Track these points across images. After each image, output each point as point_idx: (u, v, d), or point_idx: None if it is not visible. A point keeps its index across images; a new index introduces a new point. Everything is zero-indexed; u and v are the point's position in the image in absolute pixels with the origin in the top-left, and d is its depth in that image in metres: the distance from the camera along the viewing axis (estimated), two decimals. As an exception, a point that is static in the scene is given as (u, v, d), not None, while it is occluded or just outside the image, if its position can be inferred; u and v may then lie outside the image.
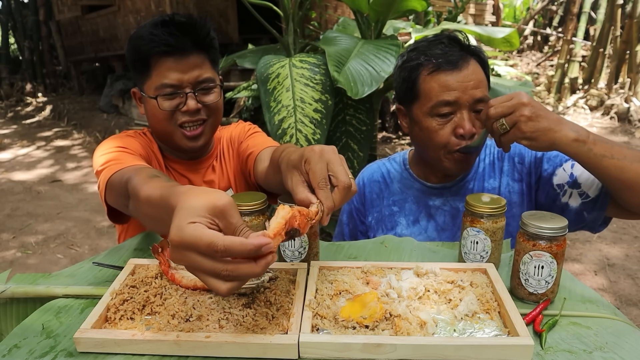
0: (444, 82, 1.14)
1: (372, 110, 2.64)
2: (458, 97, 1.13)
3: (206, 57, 1.21)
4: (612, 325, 0.77)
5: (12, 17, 10.43)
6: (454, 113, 1.15)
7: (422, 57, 1.18)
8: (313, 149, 0.77)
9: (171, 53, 1.15)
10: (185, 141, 1.22)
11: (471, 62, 1.16)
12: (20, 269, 3.22)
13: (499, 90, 2.66)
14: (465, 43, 1.19)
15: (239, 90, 3.41)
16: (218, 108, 1.25)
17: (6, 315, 0.91)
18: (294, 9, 2.70)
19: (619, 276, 2.89)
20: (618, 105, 6.35)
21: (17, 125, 8.18)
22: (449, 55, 1.15)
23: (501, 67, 6.29)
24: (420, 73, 1.18)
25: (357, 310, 0.73)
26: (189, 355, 0.69)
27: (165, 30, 1.14)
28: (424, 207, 1.31)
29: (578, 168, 1.13)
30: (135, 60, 1.18)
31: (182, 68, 1.16)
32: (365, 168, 1.46)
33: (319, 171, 0.74)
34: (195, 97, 1.19)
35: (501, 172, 1.27)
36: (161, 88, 1.16)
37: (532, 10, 10.87)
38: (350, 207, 1.44)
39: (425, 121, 1.18)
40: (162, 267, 0.84)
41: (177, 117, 1.19)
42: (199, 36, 1.18)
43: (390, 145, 5.32)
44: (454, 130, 1.15)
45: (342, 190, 0.74)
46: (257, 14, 2.62)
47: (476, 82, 1.14)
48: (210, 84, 1.21)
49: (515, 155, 1.26)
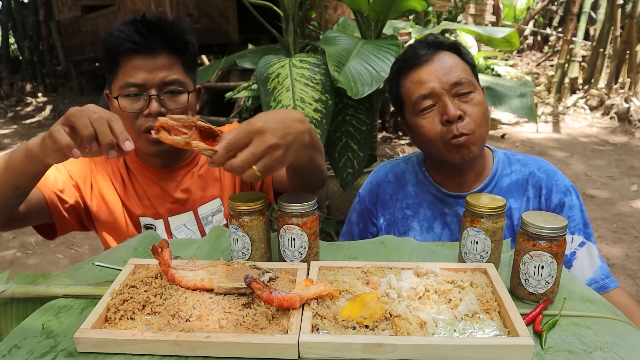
0: (417, 79, 1.16)
1: (372, 110, 2.64)
2: (432, 87, 1.14)
3: (178, 59, 1.16)
4: (612, 325, 0.77)
5: (12, 17, 10.43)
6: (437, 104, 1.15)
7: (395, 66, 1.23)
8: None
9: (138, 52, 1.11)
10: (149, 145, 1.16)
11: (441, 53, 1.17)
12: (20, 269, 3.22)
13: (499, 90, 2.66)
14: (434, 39, 1.20)
15: (239, 90, 3.41)
16: (185, 114, 1.15)
17: (6, 315, 0.91)
18: (294, 9, 2.70)
19: (619, 276, 2.88)
20: (618, 105, 6.35)
21: (17, 125, 8.18)
22: (417, 52, 1.18)
23: (501, 67, 6.29)
24: (399, 80, 1.21)
25: (357, 310, 0.73)
26: (189, 355, 0.69)
27: (133, 28, 1.11)
28: (439, 214, 1.28)
29: (583, 251, 1.15)
30: (105, 58, 1.15)
31: (148, 67, 1.11)
32: (379, 167, 1.43)
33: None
34: (159, 101, 1.13)
35: (525, 195, 1.23)
36: (125, 87, 1.12)
37: (532, 10, 10.87)
38: (361, 207, 1.40)
39: (416, 122, 1.19)
40: (162, 267, 0.84)
41: (141, 121, 1.14)
42: (168, 36, 1.14)
43: (390, 145, 5.32)
44: (440, 119, 1.15)
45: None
46: (257, 14, 2.62)
47: (448, 68, 1.15)
48: (179, 88, 1.15)
49: (543, 188, 1.22)
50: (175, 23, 1.17)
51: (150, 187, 1.28)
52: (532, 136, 6.07)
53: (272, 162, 0.77)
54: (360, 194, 1.42)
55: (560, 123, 6.60)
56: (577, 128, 6.32)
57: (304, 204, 0.89)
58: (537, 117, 6.40)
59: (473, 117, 1.14)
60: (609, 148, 5.49)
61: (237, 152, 0.75)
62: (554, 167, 1.27)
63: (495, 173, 1.25)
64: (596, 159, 5.10)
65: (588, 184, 4.43)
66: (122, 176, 1.27)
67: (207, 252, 1.04)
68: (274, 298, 0.72)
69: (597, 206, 3.91)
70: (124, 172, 1.28)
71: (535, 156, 1.30)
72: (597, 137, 5.89)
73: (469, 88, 1.15)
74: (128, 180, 1.28)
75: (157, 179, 1.28)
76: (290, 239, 0.91)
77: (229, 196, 1.00)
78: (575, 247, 1.17)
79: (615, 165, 4.91)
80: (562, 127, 6.43)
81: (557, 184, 1.22)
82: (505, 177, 1.25)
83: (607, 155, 5.21)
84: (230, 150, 0.75)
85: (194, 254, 0.99)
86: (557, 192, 1.21)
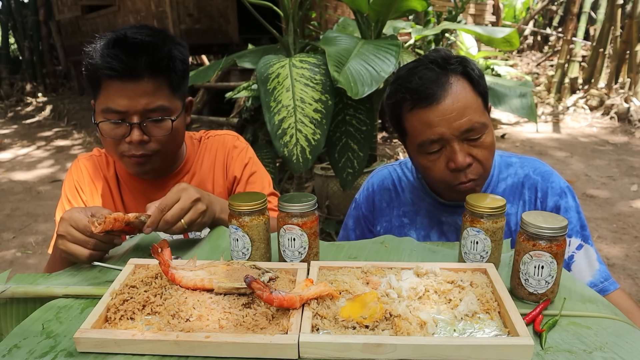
0: (425, 120, 1.07)
1: (372, 110, 2.64)
2: (442, 132, 1.06)
3: (164, 81, 1.09)
4: (612, 325, 0.77)
5: (12, 17, 10.42)
6: (444, 147, 1.08)
7: (399, 93, 1.11)
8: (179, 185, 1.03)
9: (118, 77, 1.04)
10: (132, 167, 1.15)
11: (452, 87, 1.06)
12: (20, 269, 3.22)
13: (499, 90, 2.67)
14: (443, 60, 1.09)
15: (239, 90, 3.41)
16: (172, 139, 1.15)
17: (6, 315, 0.91)
18: (294, 9, 2.70)
19: (619, 276, 2.88)
20: (618, 105, 6.35)
21: (17, 125, 8.18)
22: (425, 87, 1.06)
23: (501, 67, 6.30)
24: (403, 110, 1.12)
25: (357, 310, 0.73)
26: (189, 355, 0.69)
27: (113, 52, 1.03)
28: (436, 222, 1.26)
29: (580, 255, 1.13)
30: (87, 77, 1.10)
31: (130, 94, 1.05)
32: (375, 172, 1.39)
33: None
34: (141, 128, 1.08)
35: (520, 199, 1.20)
36: (107, 112, 1.07)
37: (532, 10, 10.87)
38: (357, 214, 1.38)
39: (418, 158, 1.14)
40: (162, 267, 0.84)
41: (123, 147, 1.11)
42: (154, 58, 1.05)
43: (390, 145, 5.32)
44: (447, 164, 1.09)
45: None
46: (257, 14, 2.62)
47: (460, 110, 1.05)
48: (163, 114, 1.10)
49: (539, 191, 1.20)
50: (159, 44, 1.07)
51: (140, 199, 1.28)
52: (532, 136, 6.07)
53: (197, 215, 1.00)
54: (357, 199, 1.39)
55: (560, 123, 6.60)
56: (577, 128, 6.32)
57: (304, 204, 0.89)
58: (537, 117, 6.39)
59: (482, 162, 1.09)
60: (609, 148, 5.49)
61: (168, 210, 0.97)
62: (550, 167, 1.25)
63: (491, 179, 1.23)
64: (596, 159, 5.10)
65: (588, 184, 4.43)
66: (112, 192, 1.28)
67: (207, 252, 1.04)
68: (274, 298, 0.72)
69: (597, 206, 3.91)
70: (114, 187, 1.28)
71: (531, 157, 1.28)
72: (597, 137, 5.89)
73: (481, 132, 1.07)
74: (118, 194, 1.28)
75: (146, 189, 1.27)
76: (290, 239, 0.91)
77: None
78: (573, 250, 1.15)
79: (615, 165, 4.91)
80: (562, 127, 6.43)
81: (552, 187, 1.20)
82: (502, 181, 1.23)
83: (607, 155, 5.21)
84: (163, 210, 0.97)
85: (194, 254, 0.99)
86: (552, 195, 1.19)
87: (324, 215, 3.37)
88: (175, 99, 1.14)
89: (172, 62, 1.10)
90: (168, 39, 1.11)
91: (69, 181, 1.28)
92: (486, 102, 1.13)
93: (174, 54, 1.10)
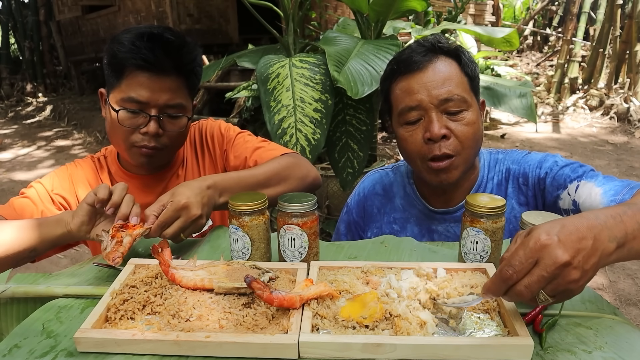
0: (406, 87, 1.08)
1: (372, 110, 2.64)
2: (420, 100, 1.06)
3: (185, 81, 1.15)
4: (612, 325, 0.77)
5: (12, 17, 10.42)
6: (423, 117, 1.08)
7: (390, 66, 1.13)
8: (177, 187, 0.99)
9: (147, 69, 1.08)
10: (139, 157, 1.17)
11: (438, 61, 1.08)
12: (21, 269, 3.21)
13: (498, 90, 2.67)
14: (435, 42, 1.10)
15: (239, 90, 3.41)
16: (181, 136, 1.20)
17: (6, 315, 0.91)
18: (294, 9, 2.70)
19: (619, 276, 2.89)
20: (618, 105, 6.35)
21: (17, 125, 8.18)
22: (412, 58, 1.08)
23: (501, 67, 6.29)
24: (390, 83, 1.13)
25: (357, 310, 0.73)
26: (189, 355, 0.69)
27: (148, 45, 1.07)
28: (426, 231, 1.24)
29: (580, 194, 1.04)
30: (110, 63, 1.12)
31: (154, 87, 1.09)
32: (367, 176, 1.37)
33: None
34: (158, 122, 1.12)
35: (506, 194, 1.18)
36: (127, 101, 1.10)
37: (532, 11, 10.87)
38: (349, 219, 1.36)
39: (399, 131, 1.13)
40: (162, 267, 0.84)
41: (136, 137, 1.13)
42: (182, 60, 1.12)
43: (390, 145, 5.32)
44: (423, 135, 1.07)
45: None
46: (257, 14, 2.62)
47: (441, 80, 1.06)
48: (179, 112, 1.15)
49: (519, 176, 1.17)
50: (190, 47, 1.14)
51: (137, 195, 1.27)
52: (531, 136, 6.08)
53: (195, 229, 0.98)
54: (348, 204, 1.38)
55: (560, 123, 6.60)
56: (576, 128, 6.32)
57: (303, 204, 0.89)
58: (536, 117, 6.40)
59: (460, 138, 1.06)
60: (609, 148, 5.49)
61: (167, 227, 0.95)
62: (526, 151, 1.22)
63: (482, 179, 1.21)
64: (596, 159, 5.11)
65: (588, 184, 4.42)
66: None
67: (207, 252, 1.04)
68: (274, 298, 0.72)
69: (597, 206, 3.91)
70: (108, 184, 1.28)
71: (512, 149, 1.25)
72: (596, 137, 5.89)
73: (460, 106, 1.07)
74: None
75: (143, 185, 1.27)
76: (290, 239, 0.91)
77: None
78: (573, 194, 1.06)
79: (615, 165, 4.91)
80: (561, 127, 6.43)
81: (529, 165, 1.16)
82: (489, 181, 1.21)
83: (607, 155, 5.22)
84: (163, 227, 0.94)
85: (194, 254, 0.99)
86: (531, 171, 1.15)
87: (324, 215, 3.37)
88: (190, 101, 1.20)
89: (195, 65, 1.17)
90: (194, 43, 1.17)
91: (62, 169, 1.27)
92: (475, 86, 1.13)
93: (198, 59, 1.17)
